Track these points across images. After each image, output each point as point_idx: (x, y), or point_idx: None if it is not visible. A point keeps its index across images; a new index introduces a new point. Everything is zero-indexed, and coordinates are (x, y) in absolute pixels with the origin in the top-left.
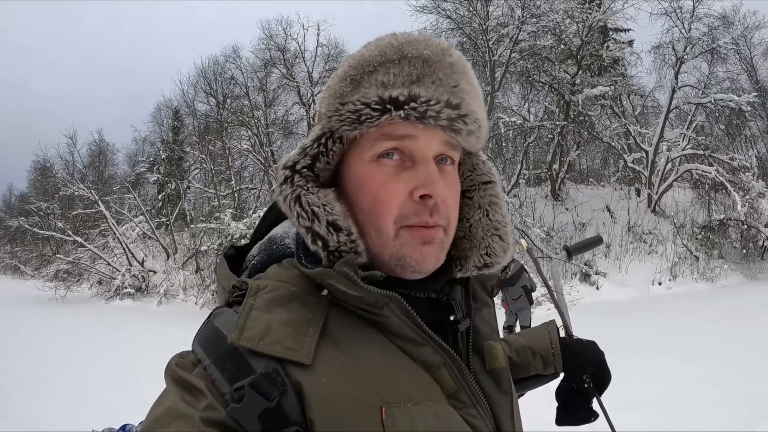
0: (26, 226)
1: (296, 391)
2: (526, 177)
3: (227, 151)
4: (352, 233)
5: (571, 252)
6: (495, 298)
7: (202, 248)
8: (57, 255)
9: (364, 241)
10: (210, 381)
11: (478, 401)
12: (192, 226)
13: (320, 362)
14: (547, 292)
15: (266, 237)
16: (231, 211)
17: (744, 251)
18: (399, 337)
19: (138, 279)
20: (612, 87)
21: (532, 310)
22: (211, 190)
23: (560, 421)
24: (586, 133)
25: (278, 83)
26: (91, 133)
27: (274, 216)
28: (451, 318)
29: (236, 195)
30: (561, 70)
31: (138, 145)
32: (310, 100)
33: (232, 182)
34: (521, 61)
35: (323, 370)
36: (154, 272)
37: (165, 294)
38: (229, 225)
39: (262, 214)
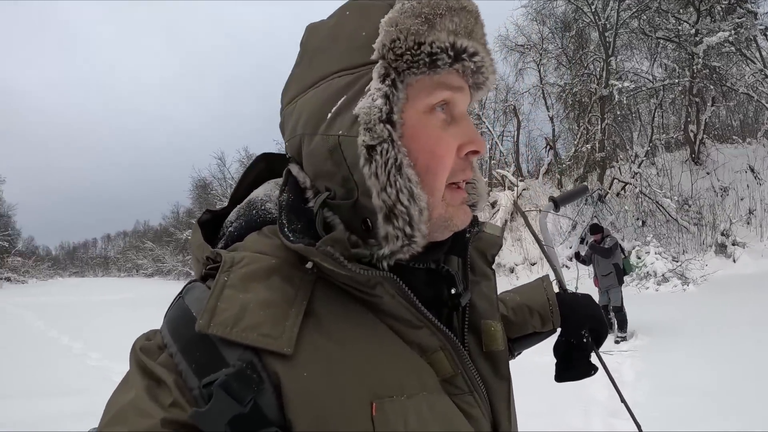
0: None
1: (274, 386)
2: (662, 142)
3: None
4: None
5: (557, 202)
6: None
7: None
8: None
9: None
10: (177, 372)
11: (475, 387)
12: None
13: (302, 351)
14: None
15: (246, 200)
16: None
17: None
18: (393, 318)
19: None
20: (736, 30)
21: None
22: None
23: (560, 377)
24: (716, 86)
25: None
26: (238, 151)
27: (255, 175)
28: (452, 291)
29: None
30: (679, 21)
31: None
32: None
33: None
34: (633, 20)
35: (306, 360)
36: None
37: None
38: None
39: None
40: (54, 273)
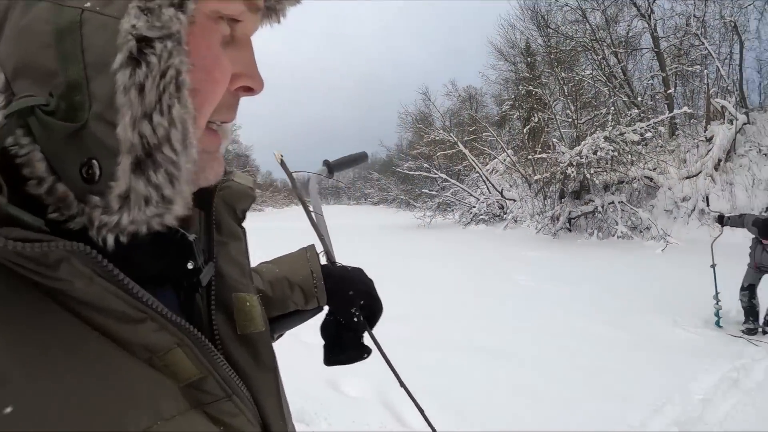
0: (405, 171)
1: None
2: None
3: (562, 81)
4: None
5: (332, 167)
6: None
7: (535, 177)
8: (432, 192)
9: None
10: None
11: (233, 389)
12: (530, 156)
13: None
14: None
15: None
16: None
17: None
18: (97, 311)
19: (495, 207)
20: None
21: None
22: (566, 119)
23: (329, 360)
24: None
25: None
26: (445, 85)
27: None
28: (189, 266)
29: (577, 124)
30: None
31: (501, 86)
32: (648, 10)
33: (569, 111)
34: None
35: None
36: (514, 200)
37: (515, 219)
38: (563, 153)
39: None
40: (290, 202)
